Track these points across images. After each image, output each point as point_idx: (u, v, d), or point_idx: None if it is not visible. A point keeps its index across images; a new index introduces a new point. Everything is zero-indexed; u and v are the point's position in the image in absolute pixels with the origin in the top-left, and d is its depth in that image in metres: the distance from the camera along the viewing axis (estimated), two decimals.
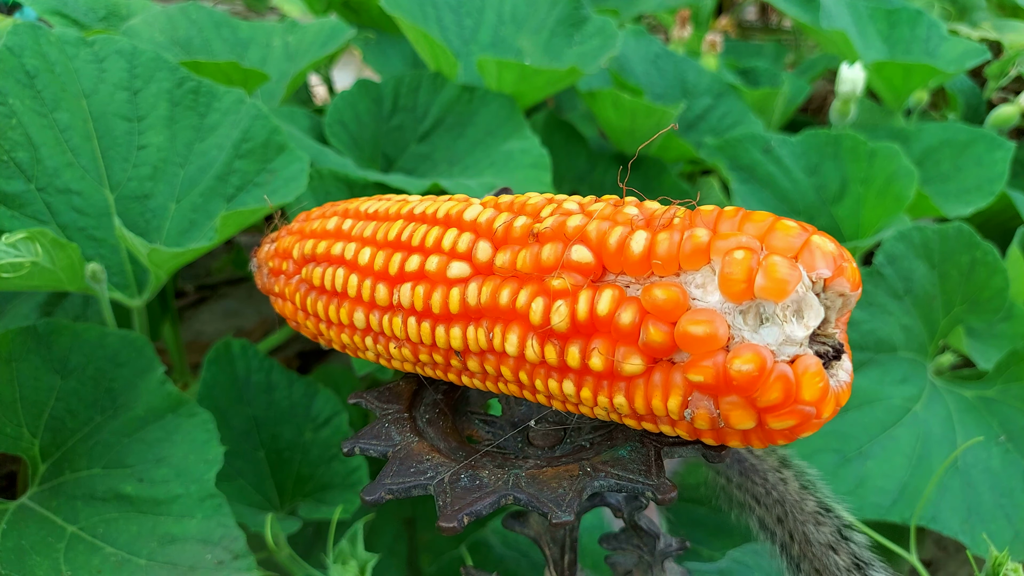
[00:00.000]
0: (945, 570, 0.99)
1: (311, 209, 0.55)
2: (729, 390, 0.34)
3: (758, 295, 0.33)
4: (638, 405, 0.37)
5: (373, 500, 0.39)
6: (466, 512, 0.37)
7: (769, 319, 0.34)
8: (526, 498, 0.38)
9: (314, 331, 0.52)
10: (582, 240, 0.39)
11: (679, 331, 0.35)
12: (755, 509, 0.59)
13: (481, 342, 0.41)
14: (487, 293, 0.41)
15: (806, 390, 0.34)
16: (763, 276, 0.33)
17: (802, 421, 0.35)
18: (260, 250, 0.57)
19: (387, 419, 0.46)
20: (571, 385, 0.39)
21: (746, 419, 0.35)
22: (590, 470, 0.40)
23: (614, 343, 0.37)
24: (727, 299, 0.34)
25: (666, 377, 0.36)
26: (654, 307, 0.35)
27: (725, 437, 0.38)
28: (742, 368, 0.33)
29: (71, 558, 0.60)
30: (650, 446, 0.42)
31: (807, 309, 0.34)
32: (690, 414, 0.36)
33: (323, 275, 0.48)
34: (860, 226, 1.01)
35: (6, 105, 0.69)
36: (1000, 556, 0.58)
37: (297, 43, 1.07)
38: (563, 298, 0.38)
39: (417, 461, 0.42)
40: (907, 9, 1.28)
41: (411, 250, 0.45)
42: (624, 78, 1.19)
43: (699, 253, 0.35)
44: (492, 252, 0.42)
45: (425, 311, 0.43)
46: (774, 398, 0.34)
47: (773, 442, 0.37)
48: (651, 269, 0.36)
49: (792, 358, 0.34)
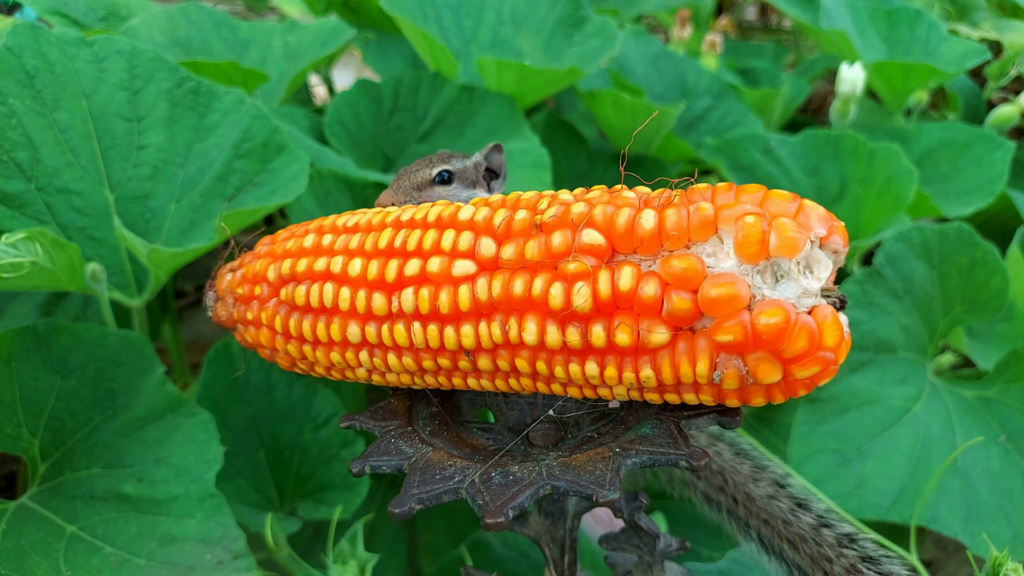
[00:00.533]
0: (945, 570, 0.99)
1: (275, 233, 0.53)
2: (757, 346, 0.36)
3: (773, 254, 0.36)
4: (665, 375, 0.39)
5: (403, 512, 0.38)
6: (510, 506, 0.37)
7: (785, 275, 0.37)
8: (565, 484, 0.38)
9: (296, 355, 0.49)
10: (590, 224, 0.40)
11: (702, 296, 0.37)
12: (696, 484, 0.61)
13: (495, 336, 0.41)
14: (498, 286, 0.41)
15: (828, 336, 0.37)
16: (776, 236, 0.36)
17: (824, 368, 0.37)
18: (218, 281, 0.54)
19: (391, 435, 0.45)
20: (594, 366, 0.40)
21: (773, 372, 0.37)
22: (619, 450, 0.40)
23: (636, 318, 0.38)
24: (743, 261, 0.37)
25: (691, 344, 0.38)
26: (674, 277, 0.37)
27: (749, 395, 0.39)
28: (769, 322, 0.36)
29: (71, 558, 0.60)
30: (668, 421, 0.42)
31: (815, 264, 0.37)
32: (719, 375, 0.38)
33: (308, 293, 0.46)
34: (860, 226, 1.01)
35: (6, 105, 0.69)
36: (1000, 556, 0.58)
37: (297, 43, 1.07)
38: (582, 280, 0.39)
39: (440, 468, 0.41)
40: (907, 9, 1.28)
41: (408, 255, 0.44)
42: (624, 78, 1.19)
43: (707, 224, 0.38)
44: (496, 247, 0.42)
45: (431, 313, 0.43)
46: (800, 347, 0.36)
47: (794, 393, 0.39)
48: (662, 245, 0.38)
49: (810, 309, 0.37)
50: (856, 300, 0.81)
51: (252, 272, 0.51)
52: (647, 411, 0.44)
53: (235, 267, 0.53)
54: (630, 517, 0.54)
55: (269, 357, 0.52)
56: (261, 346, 0.51)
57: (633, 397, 0.42)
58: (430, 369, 0.45)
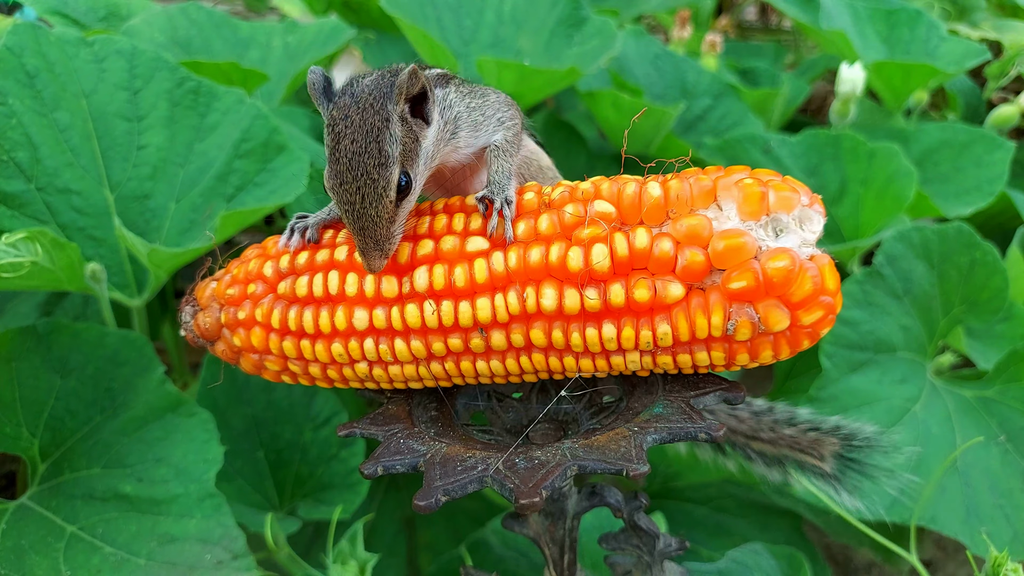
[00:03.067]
0: (945, 570, 0.99)
1: (263, 241, 0.52)
2: (768, 291, 0.40)
3: (773, 209, 0.40)
4: (681, 331, 0.41)
5: (428, 505, 0.38)
6: (543, 486, 0.38)
7: (784, 229, 0.41)
8: (592, 463, 0.39)
9: (291, 354, 0.48)
10: (598, 196, 0.43)
11: (714, 249, 0.40)
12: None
13: (512, 307, 0.43)
14: (514, 258, 0.43)
15: (828, 280, 0.41)
16: (774, 193, 0.41)
17: (826, 313, 0.41)
18: (200, 292, 0.52)
19: (398, 436, 0.44)
20: (611, 327, 0.42)
21: (782, 318, 0.40)
22: (638, 429, 0.41)
23: (651, 276, 0.41)
24: (746, 219, 0.41)
25: (704, 299, 0.41)
26: (685, 236, 0.41)
27: (759, 349, 0.42)
28: (778, 266, 0.39)
29: (70, 558, 0.60)
30: (678, 401, 0.44)
31: (807, 220, 0.41)
32: (732, 325, 0.41)
33: (311, 282, 0.46)
34: (860, 226, 1.01)
35: (6, 105, 0.70)
36: (1000, 556, 0.58)
37: (297, 43, 1.07)
38: (599, 242, 0.42)
39: (460, 461, 0.41)
40: (907, 9, 1.28)
41: (418, 238, 0.45)
42: (624, 78, 1.19)
43: (707, 193, 0.42)
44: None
45: (446, 289, 0.43)
46: (807, 290, 0.40)
47: (799, 345, 0.42)
48: (667, 213, 0.42)
49: (809, 257, 0.40)
50: (856, 300, 0.81)
51: (245, 272, 0.50)
52: (650, 397, 0.45)
53: (219, 276, 0.52)
54: (630, 517, 0.54)
55: (255, 365, 0.50)
56: (251, 350, 0.49)
57: (646, 364, 0.44)
58: (439, 354, 0.45)
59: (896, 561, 0.86)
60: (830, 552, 1.01)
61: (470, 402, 0.52)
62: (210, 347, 0.52)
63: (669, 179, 0.43)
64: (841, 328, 0.81)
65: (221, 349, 0.51)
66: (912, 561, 0.67)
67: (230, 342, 0.50)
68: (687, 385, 0.45)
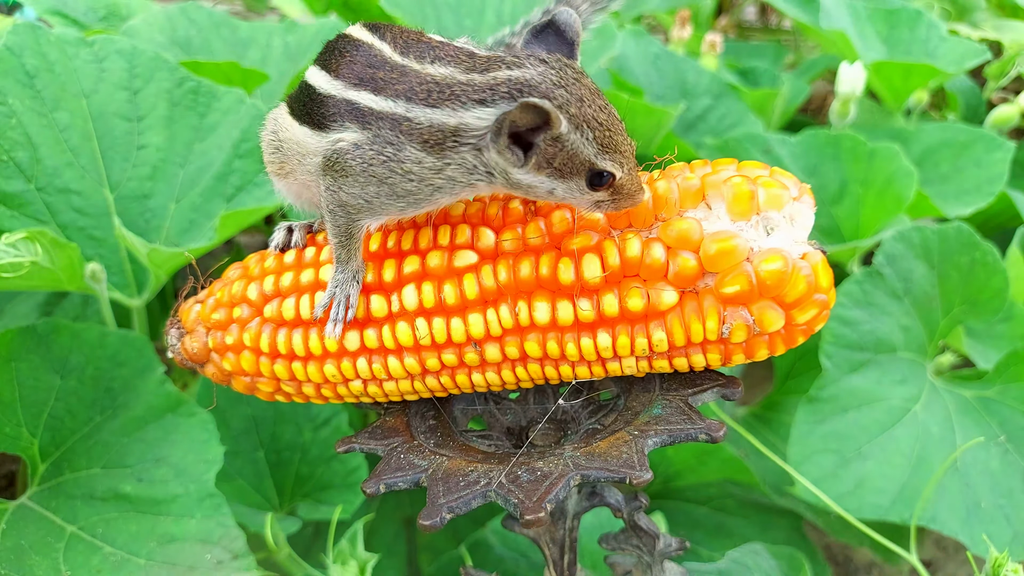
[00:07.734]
0: (945, 570, 0.99)
1: (243, 259, 0.52)
2: (762, 293, 0.39)
3: (763, 208, 0.39)
4: (677, 336, 0.41)
5: (433, 524, 0.37)
6: (547, 500, 0.38)
7: (775, 227, 0.40)
8: (595, 471, 0.39)
9: (283, 376, 0.47)
10: None
11: (705, 253, 0.39)
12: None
13: (505, 322, 0.42)
14: (504, 272, 0.42)
15: (822, 277, 0.40)
16: (763, 191, 0.40)
17: (820, 310, 0.40)
18: (184, 315, 0.51)
19: (398, 451, 0.44)
20: (606, 337, 0.42)
21: (776, 319, 0.40)
22: (637, 433, 0.41)
23: (645, 283, 0.41)
24: (736, 219, 0.40)
25: (699, 304, 0.40)
26: (675, 240, 0.40)
27: (754, 348, 0.42)
28: (771, 268, 0.39)
29: (70, 558, 0.60)
30: (676, 400, 0.43)
31: (798, 216, 0.40)
32: (728, 328, 0.40)
33: (297, 304, 0.45)
34: (860, 226, 1.01)
35: (6, 105, 0.70)
36: (1000, 556, 0.58)
37: (297, 43, 1.07)
38: (590, 252, 0.41)
39: (462, 475, 0.40)
40: (907, 10, 1.28)
41: (404, 255, 0.44)
42: (624, 78, 1.19)
43: (695, 192, 0.41)
44: (495, 237, 0.43)
45: (436, 307, 0.43)
46: (800, 290, 0.39)
47: (794, 342, 0.42)
48: (656, 216, 0.41)
49: (801, 255, 0.40)
50: (856, 300, 0.81)
51: (229, 295, 0.49)
52: (647, 396, 0.44)
53: (202, 298, 0.51)
54: (630, 517, 0.54)
55: (248, 386, 0.49)
56: (242, 373, 0.49)
57: (642, 368, 0.43)
58: (433, 369, 0.44)
59: (896, 561, 0.86)
60: (830, 552, 1.01)
61: (468, 407, 0.51)
62: (200, 369, 0.51)
63: (656, 179, 0.42)
64: (841, 328, 0.81)
65: (211, 372, 0.50)
66: (912, 561, 0.67)
67: (220, 366, 0.50)
68: (684, 383, 0.45)
